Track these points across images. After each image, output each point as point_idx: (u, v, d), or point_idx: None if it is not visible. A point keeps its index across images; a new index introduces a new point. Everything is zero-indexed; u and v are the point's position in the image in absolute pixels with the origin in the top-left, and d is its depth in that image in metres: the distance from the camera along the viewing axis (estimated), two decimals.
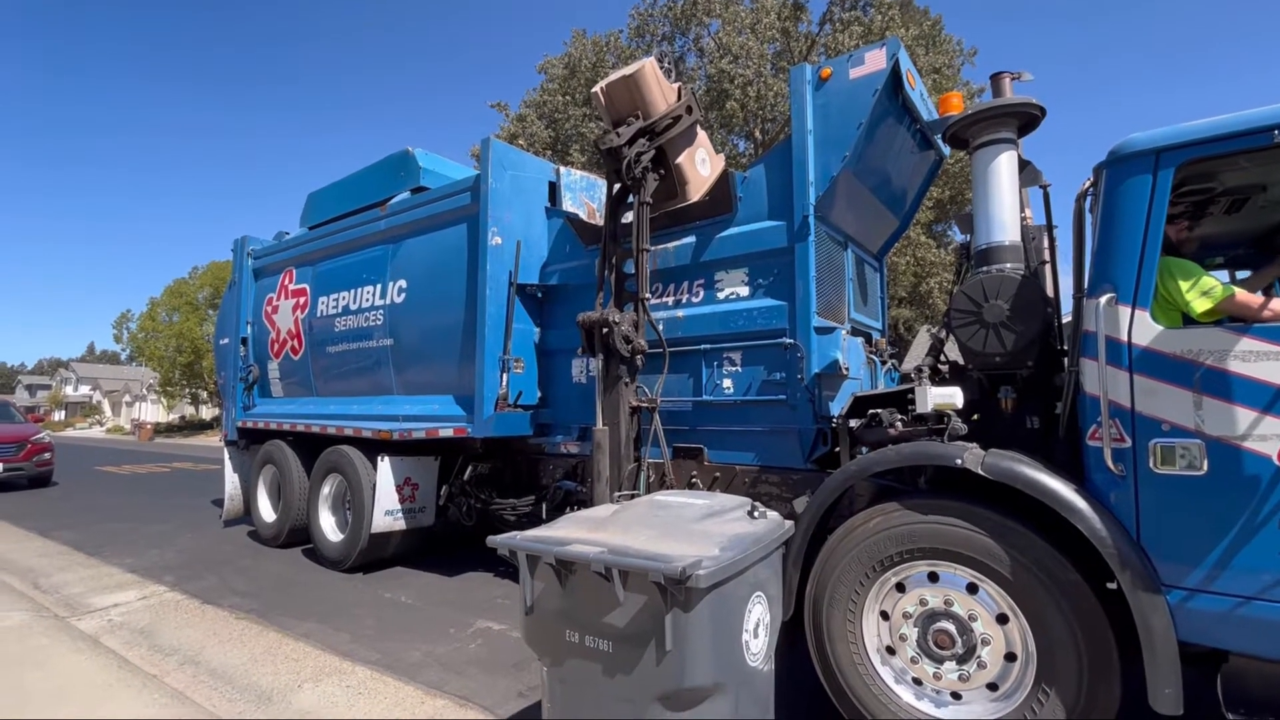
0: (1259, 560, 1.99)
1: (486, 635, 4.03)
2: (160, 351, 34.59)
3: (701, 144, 4.37)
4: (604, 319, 3.89)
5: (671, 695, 1.59)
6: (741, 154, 21.48)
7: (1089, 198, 2.53)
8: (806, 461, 3.64)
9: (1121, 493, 2.23)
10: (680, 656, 1.56)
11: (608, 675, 1.66)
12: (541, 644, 1.81)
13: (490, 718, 2.95)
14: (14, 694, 3.15)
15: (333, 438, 5.75)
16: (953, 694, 2.48)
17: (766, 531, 1.92)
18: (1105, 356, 2.23)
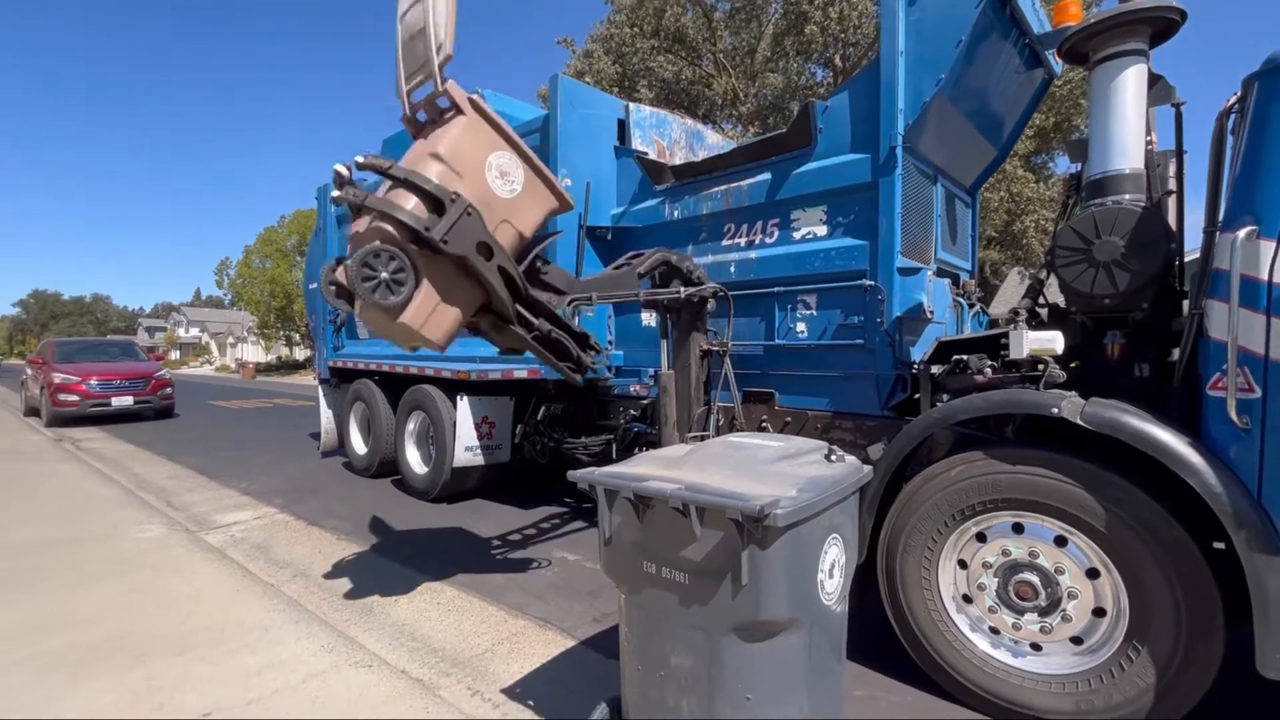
0: None
1: (562, 564, 4.25)
2: (256, 296, 37.22)
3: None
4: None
5: (746, 627, 1.63)
6: (819, 84, 20.17)
7: (1233, 116, 2.22)
8: (883, 408, 3.53)
9: (1244, 447, 2.04)
10: (756, 590, 1.59)
11: (683, 605, 1.71)
12: (619, 573, 1.88)
13: (568, 638, 3.15)
14: (160, 595, 3.61)
15: (415, 377, 6.05)
16: (1032, 645, 2.42)
17: (844, 475, 1.89)
18: (1239, 298, 2.00)
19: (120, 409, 12.07)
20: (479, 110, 2.87)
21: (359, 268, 2.55)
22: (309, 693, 2.59)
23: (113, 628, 3.17)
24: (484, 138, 2.89)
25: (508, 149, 2.94)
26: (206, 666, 2.80)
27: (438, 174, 2.73)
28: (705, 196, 4.35)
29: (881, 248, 3.49)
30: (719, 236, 4.33)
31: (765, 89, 20.44)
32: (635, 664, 1.87)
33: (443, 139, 2.82)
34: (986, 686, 2.45)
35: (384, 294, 2.59)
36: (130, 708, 2.47)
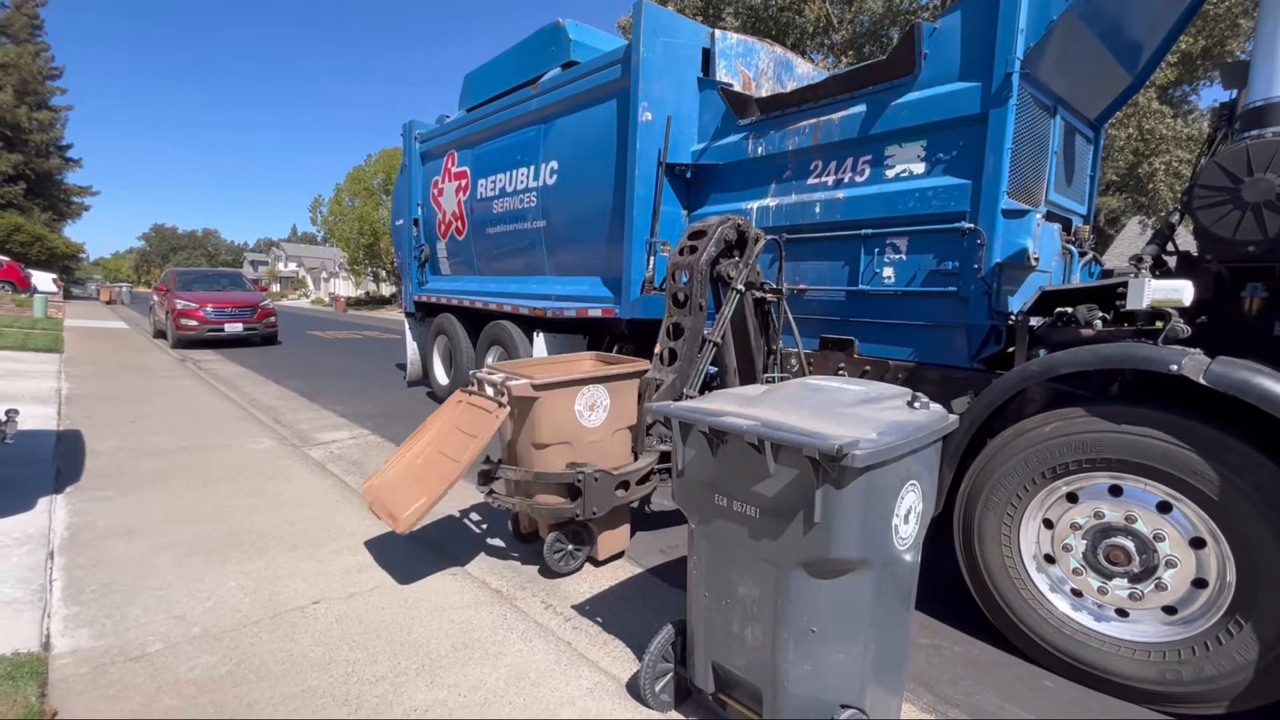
0: None
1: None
2: (346, 234, 39.16)
3: None
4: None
5: (815, 563, 1.64)
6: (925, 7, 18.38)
7: None
8: (972, 361, 3.35)
9: None
10: (828, 529, 1.59)
11: (753, 538, 1.74)
12: (690, 504, 1.93)
13: (636, 566, 3.28)
14: (273, 499, 4.03)
15: (494, 313, 6.25)
16: (1118, 610, 2.32)
17: (928, 421, 1.82)
18: None
19: (232, 334, 13.22)
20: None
21: None
22: (403, 595, 2.85)
23: (234, 524, 3.58)
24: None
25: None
26: (313, 563, 3.13)
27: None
28: (792, 131, 4.13)
29: (985, 187, 3.22)
30: (804, 175, 4.12)
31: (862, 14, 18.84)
32: (702, 591, 1.93)
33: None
34: (1062, 647, 2.39)
35: None
36: (253, 591, 2.81)
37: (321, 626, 2.55)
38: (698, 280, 3.44)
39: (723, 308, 3.57)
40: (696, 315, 3.48)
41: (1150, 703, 2.22)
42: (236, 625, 2.52)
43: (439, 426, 3.17)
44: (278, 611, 2.65)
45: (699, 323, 3.52)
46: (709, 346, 3.57)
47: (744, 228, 3.62)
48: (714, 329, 3.60)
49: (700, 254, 3.42)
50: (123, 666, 2.23)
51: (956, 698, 2.29)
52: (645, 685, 2.07)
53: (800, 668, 1.71)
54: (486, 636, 2.52)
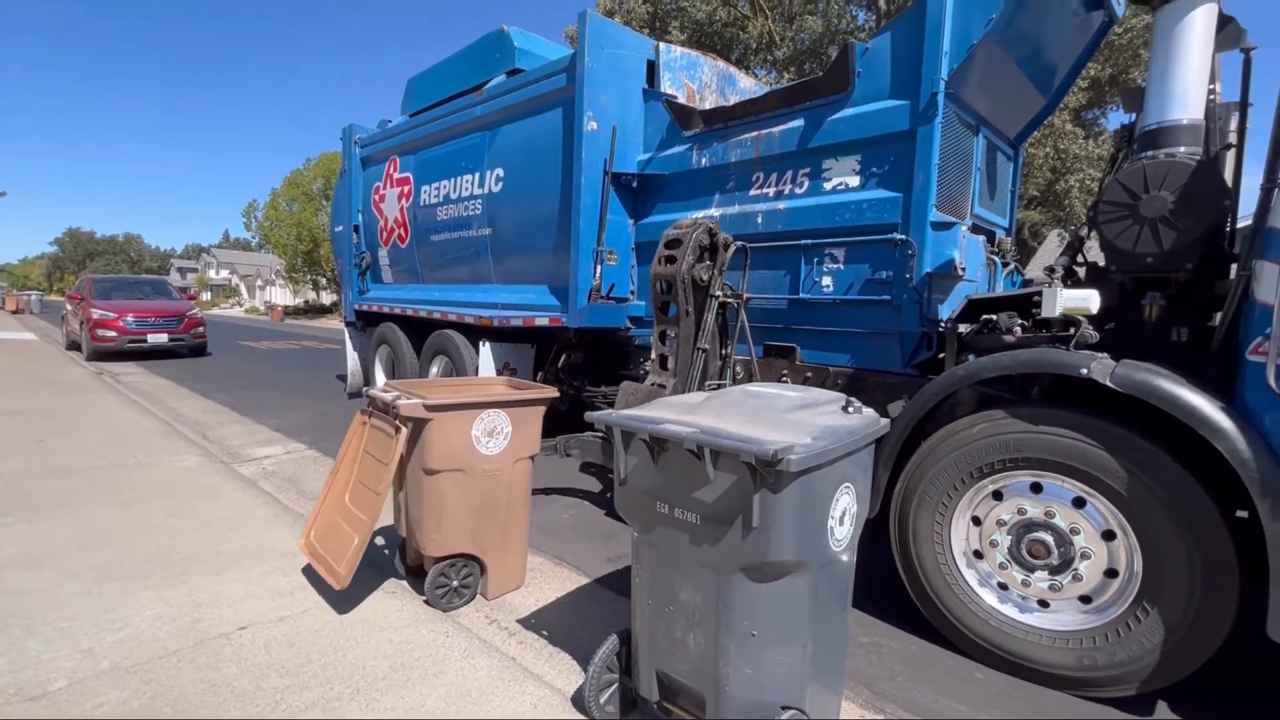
0: None
1: (578, 508, 4.37)
2: (283, 240, 37.58)
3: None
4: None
5: (755, 567, 1.67)
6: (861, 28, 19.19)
7: None
8: (906, 366, 3.49)
9: (1278, 415, 1.98)
10: (766, 533, 1.62)
11: (694, 544, 1.76)
12: (632, 512, 1.93)
13: (583, 576, 3.25)
14: (198, 519, 3.80)
15: (438, 322, 6.12)
16: (1039, 601, 2.44)
17: (861, 425, 1.88)
18: None
19: (156, 345, 12.45)
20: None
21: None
22: (338, 615, 2.73)
23: (153, 548, 3.35)
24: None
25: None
26: (241, 586, 2.96)
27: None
28: (735, 143, 4.23)
29: (915, 200, 3.38)
30: (747, 186, 4.22)
31: (803, 32, 19.52)
32: (645, 599, 1.93)
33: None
34: (990, 639, 2.49)
35: None
36: (173, 620, 2.63)
37: (248, 654, 2.41)
38: (683, 289, 3.59)
39: (705, 315, 3.69)
40: (686, 321, 3.65)
41: (1070, 688, 2.35)
42: (152, 657, 2.36)
43: (353, 453, 3.06)
44: (200, 640, 2.49)
45: (690, 328, 3.68)
46: (699, 353, 3.69)
47: (715, 233, 3.72)
48: (700, 335, 3.71)
49: (681, 263, 3.56)
50: (19, 707, 2.05)
51: (894, 694, 2.36)
52: (590, 697, 2.05)
53: (742, 671, 1.73)
54: (427, 656, 2.44)
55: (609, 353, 5.34)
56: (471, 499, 2.83)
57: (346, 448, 3.11)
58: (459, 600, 2.88)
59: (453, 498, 2.78)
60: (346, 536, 2.79)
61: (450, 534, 2.81)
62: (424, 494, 2.75)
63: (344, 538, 2.80)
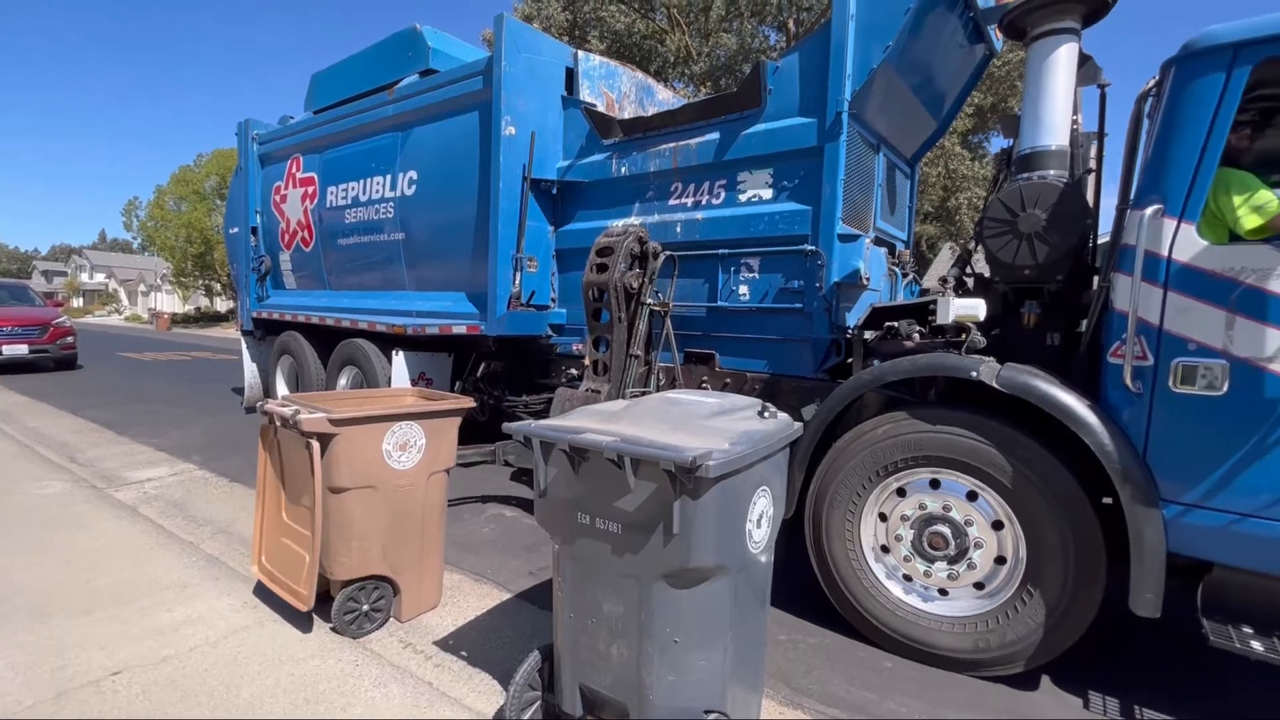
0: (1262, 480, 2.02)
1: (499, 520, 4.25)
2: (171, 242, 34.48)
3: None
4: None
5: (676, 574, 1.68)
6: (773, 47, 20.02)
7: (1150, 99, 2.34)
8: (818, 371, 3.64)
9: (1135, 410, 2.23)
10: (686, 539, 1.64)
11: (616, 554, 1.75)
12: (553, 524, 1.90)
13: (504, 591, 3.17)
14: (63, 553, 3.39)
15: (347, 331, 5.80)
16: (940, 590, 2.61)
17: (776, 430, 1.95)
18: (1141, 272, 2.15)
19: (13, 358, 11.07)
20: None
21: None
22: (231, 649, 2.51)
23: (6, 589, 2.96)
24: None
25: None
26: (116, 625, 2.67)
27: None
28: (654, 153, 4.29)
29: (823, 213, 3.55)
30: (666, 196, 4.29)
31: (719, 49, 20.13)
32: (568, 612, 1.90)
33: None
34: (897, 628, 2.64)
35: None
36: (29, 669, 2.33)
37: (123, 701, 2.17)
38: (616, 296, 3.65)
39: (636, 322, 3.75)
40: (619, 328, 3.71)
41: (967, 670, 2.52)
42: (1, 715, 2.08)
43: (274, 470, 2.87)
44: (63, 690, 2.22)
45: (622, 334, 3.74)
46: (631, 359, 3.75)
47: (645, 241, 3.76)
48: (632, 342, 3.78)
49: (613, 271, 3.64)
50: None
51: (811, 688, 2.44)
52: (511, 717, 1.99)
53: (665, 679, 1.73)
54: (334, 688, 2.29)
55: (530, 361, 5.25)
56: (383, 517, 2.69)
57: (264, 466, 2.89)
58: (370, 625, 2.72)
59: (362, 516, 2.63)
60: (297, 556, 2.63)
61: (360, 555, 2.66)
62: (331, 514, 2.59)
63: (295, 558, 2.65)
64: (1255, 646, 1.99)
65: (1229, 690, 2.53)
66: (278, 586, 2.72)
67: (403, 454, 2.73)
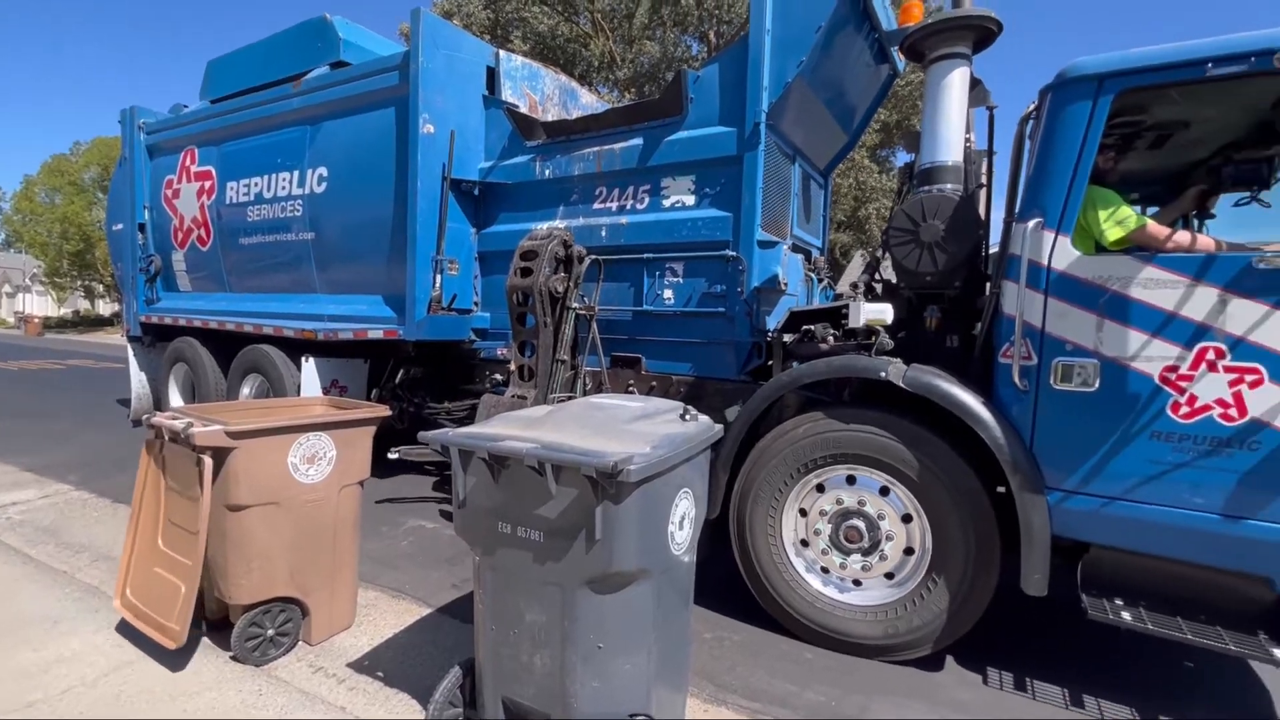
0: (1128, 467, 2.24)
1: (419, 533, 4.09)
2: (42, 238, 31.12)
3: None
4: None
5: (599, 579, 1.68)
6: (695, 57, 20.45)
7: (1031, 122, 2.57)
8: (740, 373, 3.74)
9: (1022, 406, 2.42)
10: (609, 545, 1.64)
11: (538, 562, 1.73)
12: (474, 535, 1.86)
13: (424, 606, 3.05)
14: None
15: (250, 336, 5.42)
16: (854, 581, 2.74)
17: (697, 432, 1.99)
18: (1026, 279, 2.35)
19: None
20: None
21: None
22: (112, 688, 2.28)
23: None
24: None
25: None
26: None
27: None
28: (578, 157, 4.27)
29: (744, 220, 3.65)
30: (590, 199, 4.28)
31: (642, 56, 20.36)
32: (489, 624, 1.85)
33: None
34: (816, 619, 2.74)
35: None
36: None
37: None
38: (541, 301, 3.62)
39: (562, 326, 3.74)
40: (545, 332, 3.68)
41: (880, 655, 2.65)
42: None
43: (152, 491, 2.63)
44: None
45: (549, 339, 3.72)
46: (558, 364, 3.72)
47: (570, 245, 3.73)
48: (559, 347, 3.77)
49: (538, 275, 3.61)
50: None
51: (734, 683, 2.50)
52: None
53: (589, 686, 1.72)
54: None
55: (452, 366, 5.10)
56: (289, 535, 2.52)
57: (142, 486, 2.64)
58: (276, 651, 2.55)
59: (266, 535, 2.46)
60: (171, 587, 2.40)
61: (263, 577, 2.48)
62: (229, 534, 2.40)
63: (168, 588, 2.41)
64: (1125, 617, 2.21)
65: (1104, 655, 2.79)
66: (144, 623, 2.47)
67: (311, 467, 2.57)
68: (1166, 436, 2.17)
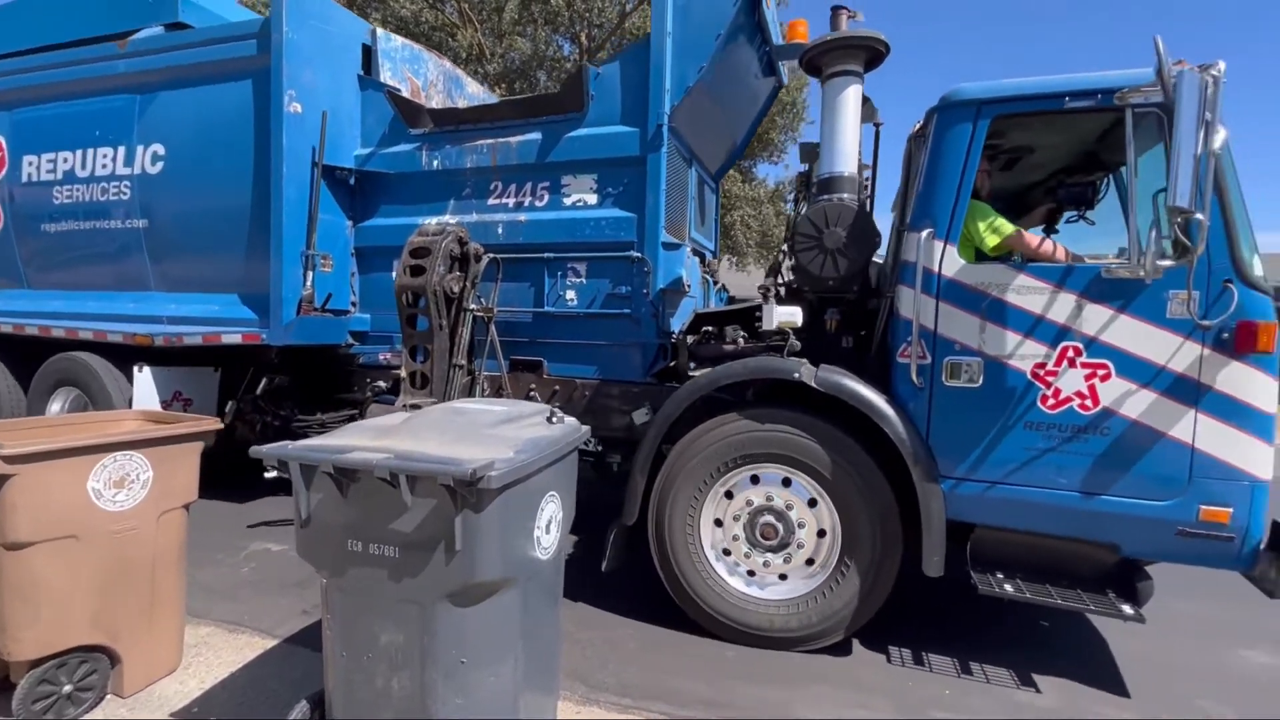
0: (1007, 454, 2.52)
1: (263, 557, 3.68)
2: None
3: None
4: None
5: (461, 591, 1.60)
6: (567, 58, 20.31)
7: (919, 139, 2.79)
8: (646, 375, 3.73)
9: (919, 402, 2.63)
10: (470, 555, 1.57)
11: (394, 579, 1.62)
12: (320, 556, 1.71)
13: (268, 638, 2.72)
14: None
15: (62, 342, 4.51)
16: (780, 575, 2.83)
17: (563, 434, 1.97)
18: (921, 285, 2.55)
19: None
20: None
21: None
22: None
23: None
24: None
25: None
26: None
27: None
28: (471, 149, 4.03)
29: (648, 222, 3.63)
30: (485, 194, 4.06)
31: (513, 51, 19.84)
32: (340, 651, 1.70)
33: None
34: (734, 617, 2.80)
35: None
36: None
37: None
38: (436, 302, 3.36)
39: (459, 329, 3.51)
40: (440, 336, 3.41)
41: (796, 646, 2.75)
42: None
43: None
44: None
45: (445, 342, 3.45)
46: (455, 369, 3.46)
47: (466, 242, 3.47)
48: (455, 351, 3.54)
49: (432, 274, 3.34)
50: None
51: (607, 681, 2.49)
52: None
53: (452, 704, 1.63)
54: None
55: (326, 373, 4.59)
56: (91, 572, 2.13)
57: None
58: (76, 709, 2.14)
59: (59, 576, 2.06)
60: None
61: (56, 625, 2.07)
62: (6, 578, 1.99)
63: None
64: (1008, 589, 2.48)
65: (982, 626, 3.11)
66: None
67: (119, 492, 2.18)
68: (1037, 425, 2.46)
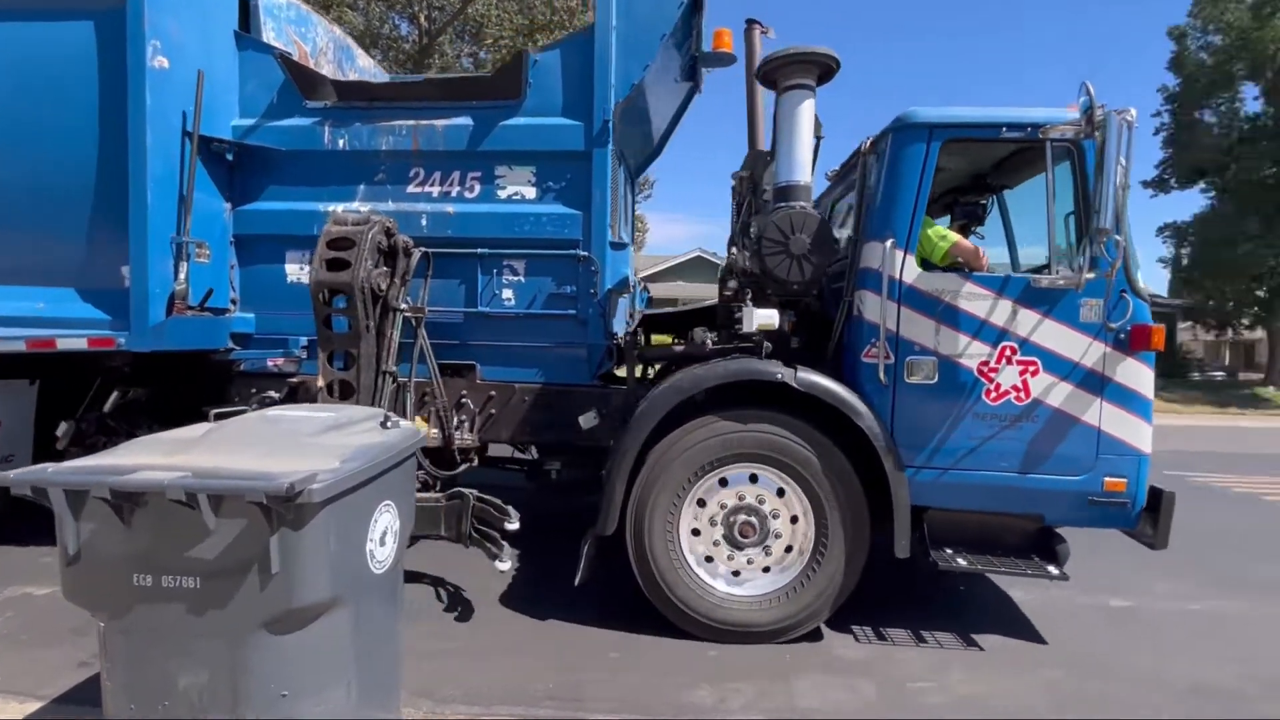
0: (955, 443, 2.81)
1: (24, 604, 3.13)
2: None
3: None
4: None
5: (280, 618, 1.47)
6: (405, 38, 18.90)
7: (872, 155, 3.00)
8: (593, 377, 3.61)
9: (883, 399, 2.84)
10: (289, 577, 1.44)
11: (195, 614, 1.45)
12: (94, 597, 1.49)
13: (31, 701, 2.32)
14: None
15: None
16: (763, 569, 2.89)
17: (398, 440, 1.87)
18: (886, 291, 2.75)
19: None
20: None
21: None
22: None
23: None
24: None
25: None
26: None
27: None
28: (386, 129, 3.61)
29: (595, 219, 3.51)
30: (403, 181, 3.66)
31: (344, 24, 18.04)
32: (126, 703, 1.50)
33: None
34: (716, 616, 2.81)
35: None
36: None
37: None
38: (362, 301, 2.94)
39: (388, 331, 3.13)
40: (367, 339, 3.01)
41: (776, 639, 2.83)
42: None
43: None
44: None
45: (372, 346, 3.05)
46: (384, 376, 3.08)
47: (393, 233, 3.09)
48: (385, 356, 3.15)
49: (358, 269, 2.91)
50: None
51: (452, 693, 2.39)
52: None
53: None
54: None
55: (195, 383, 3.83)
56: None
57: None
58: None
59: None
60: None
61: None
62: None
63: None
64: (960, 563, 2.77)
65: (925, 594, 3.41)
66: None
67: None
68: (982, 416, 2.78)
